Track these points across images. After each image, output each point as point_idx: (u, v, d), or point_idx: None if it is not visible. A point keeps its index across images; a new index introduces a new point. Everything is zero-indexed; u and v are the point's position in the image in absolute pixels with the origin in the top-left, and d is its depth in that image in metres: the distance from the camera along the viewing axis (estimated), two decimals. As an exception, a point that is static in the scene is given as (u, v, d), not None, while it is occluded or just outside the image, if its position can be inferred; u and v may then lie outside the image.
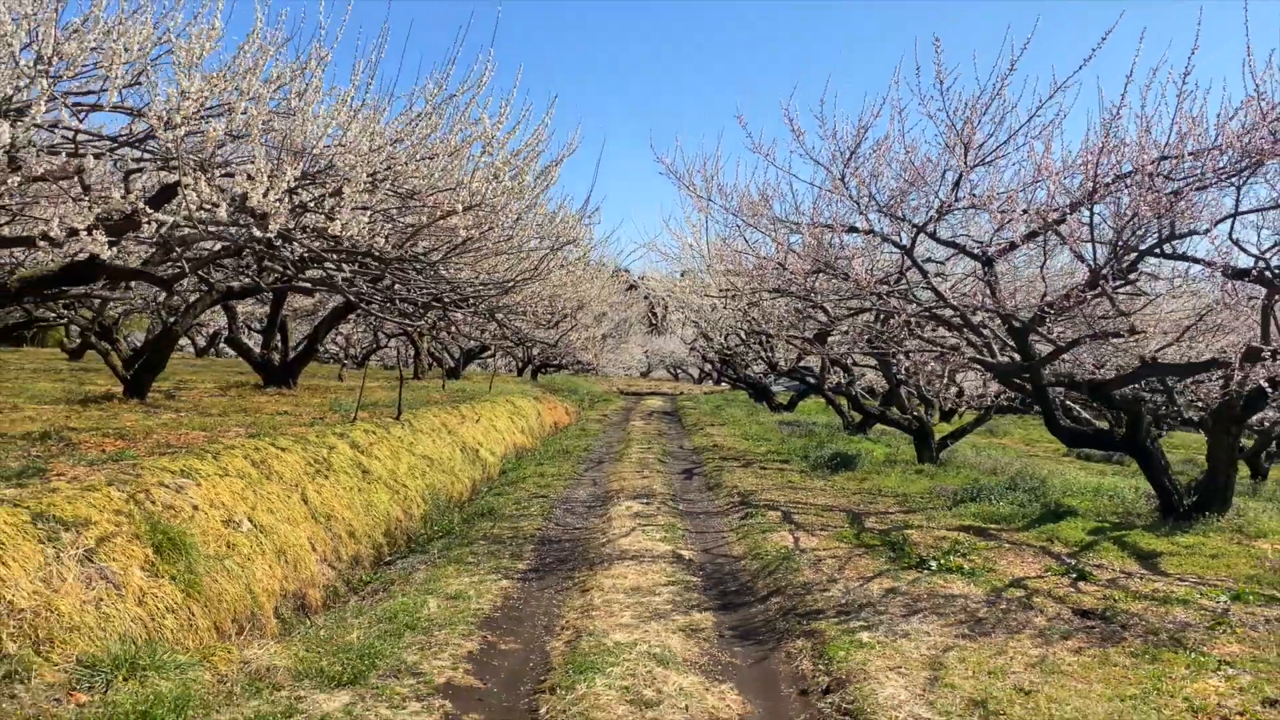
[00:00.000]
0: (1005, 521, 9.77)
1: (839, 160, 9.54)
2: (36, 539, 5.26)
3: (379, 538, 9.28)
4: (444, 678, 4.92)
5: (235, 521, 7.10)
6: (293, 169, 5.60)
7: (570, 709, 4.51)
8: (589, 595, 6.68)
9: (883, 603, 6.37)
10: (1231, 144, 6.91)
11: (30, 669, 4.41)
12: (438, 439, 13.60)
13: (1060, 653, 5.39)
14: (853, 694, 4.70)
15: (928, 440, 15.61)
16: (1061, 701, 4.53)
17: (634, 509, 10.41)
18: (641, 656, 5.28)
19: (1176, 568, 7.92)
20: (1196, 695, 4.74)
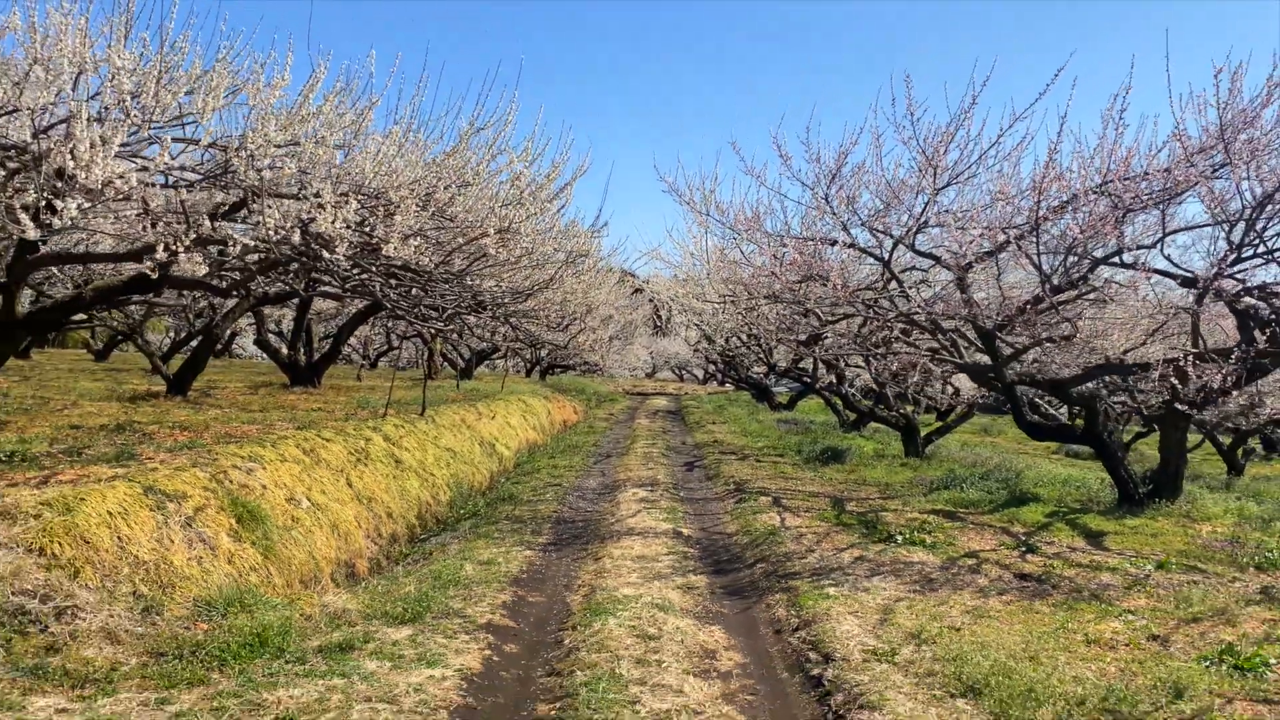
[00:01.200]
0: (974, 506, 10.87)
1: (823, 182, 10.67)
2: (148, 508, 6.40)
3: (412, 519, 10.41)
4: (485, 619, 6.05)
5: (296, 500, 8.24)
6: (356, 200, 6.73)
7: (589, 639, 5.64)
8: (601, 562, 7.81)
9: (850, 567, 7.50)
10: (1156, 175, 8.01)
11: (162, 605, 5.56)
12: (458, 434, 14.74)
13: (993, 603, 6.51)
14: (816, 630, 5.83)
15: (914, 436, 16.72)
16: (982, 635, 5.64)
17: (639, 495, 11.54)
18: (646, 605, 6.41)
19: (1118, 544, 9.00)
20: (1095, 633, 5.84)
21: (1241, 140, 7.83)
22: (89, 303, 10.85)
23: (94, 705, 4.29)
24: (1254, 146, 7.80)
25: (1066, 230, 8.63)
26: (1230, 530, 9.88)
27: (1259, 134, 7.82)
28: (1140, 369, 9.70)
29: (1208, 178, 7.96)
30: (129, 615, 5.35)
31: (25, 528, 5.55)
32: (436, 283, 9.10)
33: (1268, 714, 4.50)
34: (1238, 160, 7.87)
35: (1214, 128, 8.00)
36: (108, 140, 5.86)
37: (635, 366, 55.90)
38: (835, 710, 4.67)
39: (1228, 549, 8.87)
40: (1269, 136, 7.77)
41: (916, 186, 10.48)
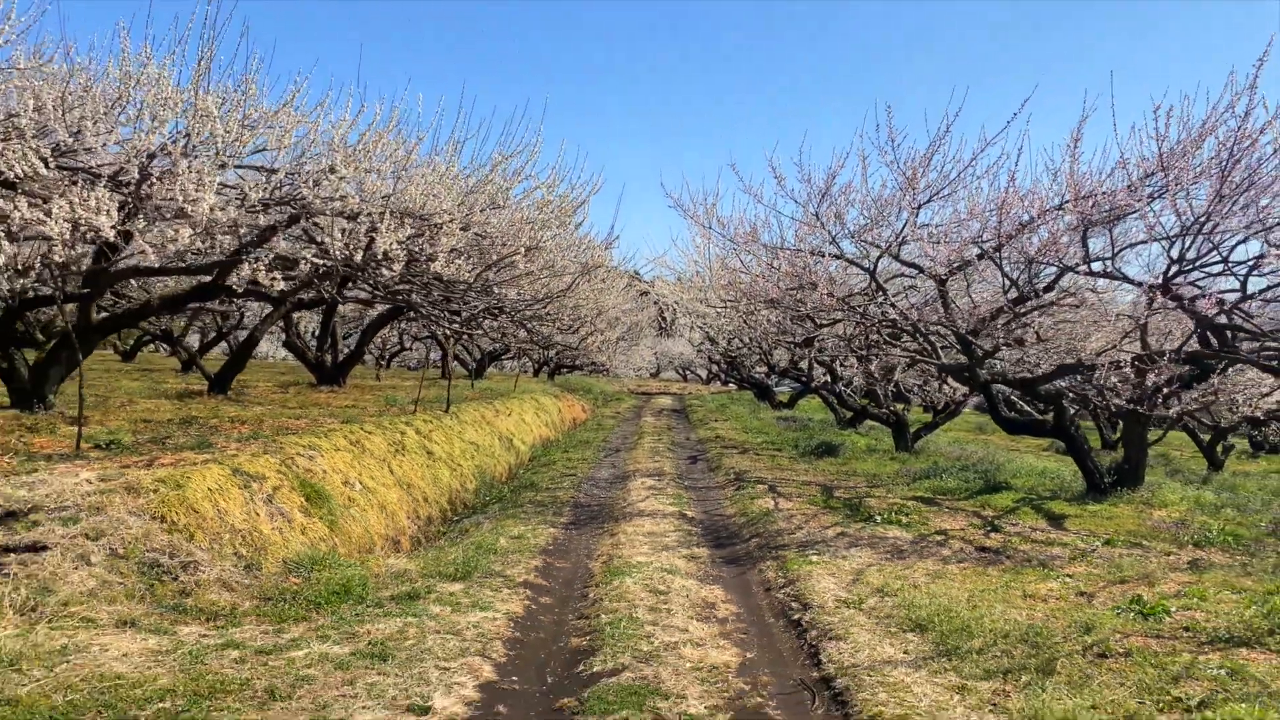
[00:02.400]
0: (951, 493, 12.02)
1: (814, 199, 11.83)
2: (237, 486, 7.59)
3: (444, 503, 11.59)
4: (521, 578, 7.22)
5: (350, 483, 9.43)
6: (411, 225, 7.93)
7: (609, 593, 6.81)
8: (616, 537, 8.98)
9: (833, 541, 8.67)
10: (1101, 199, 9.17)
11: (259, 563, 6.75)
12: (480, 429, 15.92)
13: (951, 569, 7.67)
14: (798, 587, 6.99)
15: (904, 432, 17.88)
16: (936, 590, 6.80)
17: (648, 484, 12.71)
18: (656, 569, 7.58)
19: (1076, 526, 10.14)
20: (1033, 590, 7.00)
21: (1176, 171, 8.97)
22: (156, 309, 12.09)
23: (227, 632, 5.48)
24: (1188, 176, 8.93)
25: (1025, 246, 9.77)
26: (1181, 515, 11.00)
27: (1192, 166, 8.95)
28: (1088, 369, 10.83)
29: (1147, 202, 9.10)
30: (235, 570, 6.54)
31: (147, 500, 6.74)
32: (467, 292, 10.28)
33: (1155, 644, 5.65)
34: (1174, 186, 9.01)
35: (1154, 157, 9.16)
36: (205, 183, 7.04)
37: (640, 367, 57.05)
38: (809, 642, 5.84)
39: (1173, 530, 10.01)
40: (1201, 168, 8.91)
41: (899, 203, 11.63)
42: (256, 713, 4.37)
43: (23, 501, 6.44)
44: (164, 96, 8.08)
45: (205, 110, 7.93)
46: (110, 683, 4.59)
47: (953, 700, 4.69)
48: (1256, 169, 8.56)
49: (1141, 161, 8.93)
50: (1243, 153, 8.72)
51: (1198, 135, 8.89)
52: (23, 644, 4.95)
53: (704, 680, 5.12)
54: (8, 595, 5.47)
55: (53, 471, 7.25)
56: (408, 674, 4.94)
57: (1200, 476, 19.87)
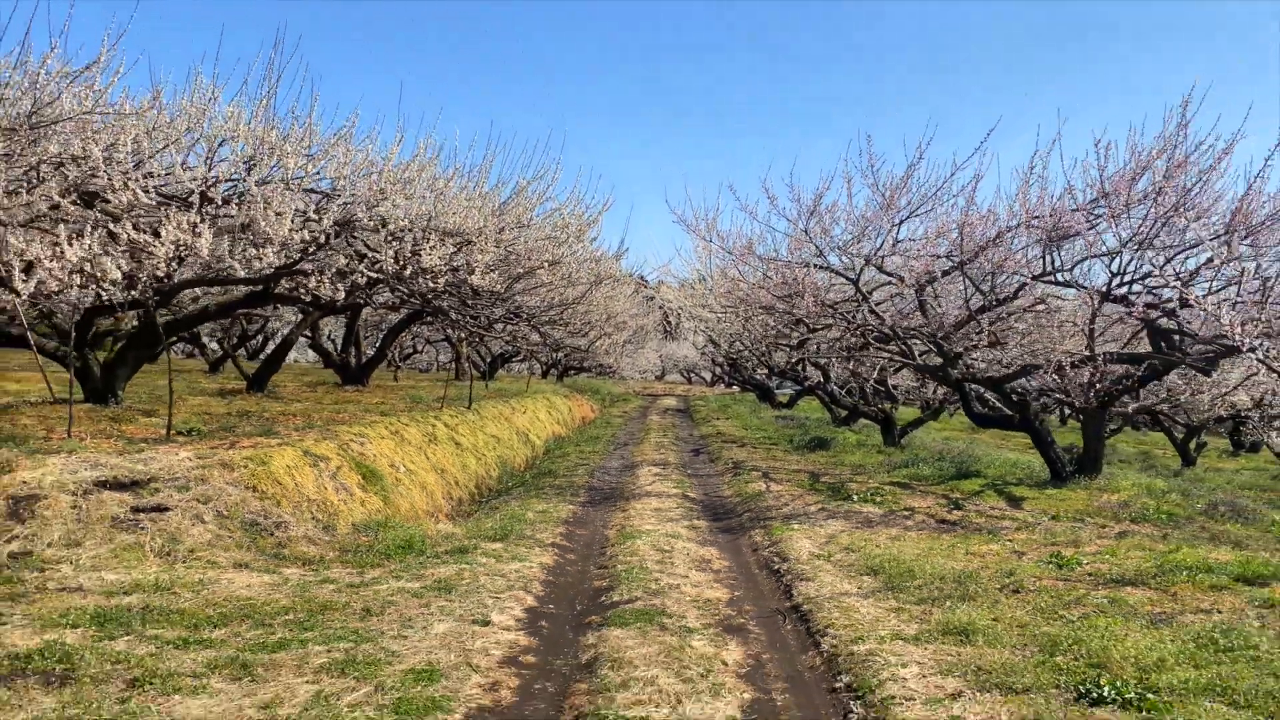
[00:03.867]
0: (926, 480, 13.40)
1: (803, 217, 13.24)
2: (308, 465, 9.02)
3: (472, 487, 13.01)
4: (549, 540, 8.64)
5: (395, 466, 10.86)
6: (451, 243, 9.35)
7: (623, 551, 8.22)
8: (627, 512, 10.39)
9: (813, 514, 10.07)
10: (1046, 221, 10.57)
11: (334, 525, 8.17)
12: (499, 424, 17.34)
13: (911, 534, 9.07)
14: (780, 547, 8.40)
15: (891, 428, 19.27)
16: (892, 548, 8.20)
17: (654, 471, 14.13)
18: (662, 535, 8.99)
19: (1031, 506, 11.51)
20: (976, 550, 8.39)
21: (1114, 198, 10.38)
22: (213, 315, 13.54)
23: (320, 572, 6.90)
24: (1123, 202, 10.34)
25: (984, 262, 11.18)
26: (1128, 498, 12.34)
27: (1130, 194, 10.36)
28: (1033, 369, 12.23)
29: (1089, 225, 10.51)
30: (316, 529, 7.97)
31: (239, 474, 8.18)
32: (494, 301, 11.72)
33: (1060, 584, 7.04)
34: (1113, 211, 10.42)
35: (1095, 185, 10.57)
36: (285, 209, 8.48)
37: (646, 369, 58.42)
38: (784, 584, 7.24)
39: (1116, 509, 11.37)
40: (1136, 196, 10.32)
41: (879, 221, 13.04)
42: (359, 623, 5.79)
43: (143, 474, 7.87)
44: (237, 131, 9.53)
45: (278, 145, 9.37)
46: (244, 602, 6.01)
47: (888, 616, 6.10)
48: (1181, 200, 9.96)
49: (1090, 185, 10.33)
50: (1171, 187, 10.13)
51: (1132, 172, 10.30)
52: (169, 577, 6.38)
53: (700, 608, 6.53)
54: (148, 543, 6.90)
55: (157, 451, 8.68)
56: (468, 601, 6.36)
57: (1172, 471, 21.23)
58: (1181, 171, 10.08)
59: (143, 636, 5.26)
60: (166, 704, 4.40)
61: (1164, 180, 10.22)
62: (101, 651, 4.96)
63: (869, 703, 4.69)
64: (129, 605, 5.75)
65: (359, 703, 4.50)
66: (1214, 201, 10.69)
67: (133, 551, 6.82)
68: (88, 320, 13.20)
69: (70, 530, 6.92)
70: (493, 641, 5.58)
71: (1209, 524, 10.65)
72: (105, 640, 5.15)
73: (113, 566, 6.55)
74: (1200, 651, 5.25)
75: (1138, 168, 10.29)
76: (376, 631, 5.59)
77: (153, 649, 5.07)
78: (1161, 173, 10.13)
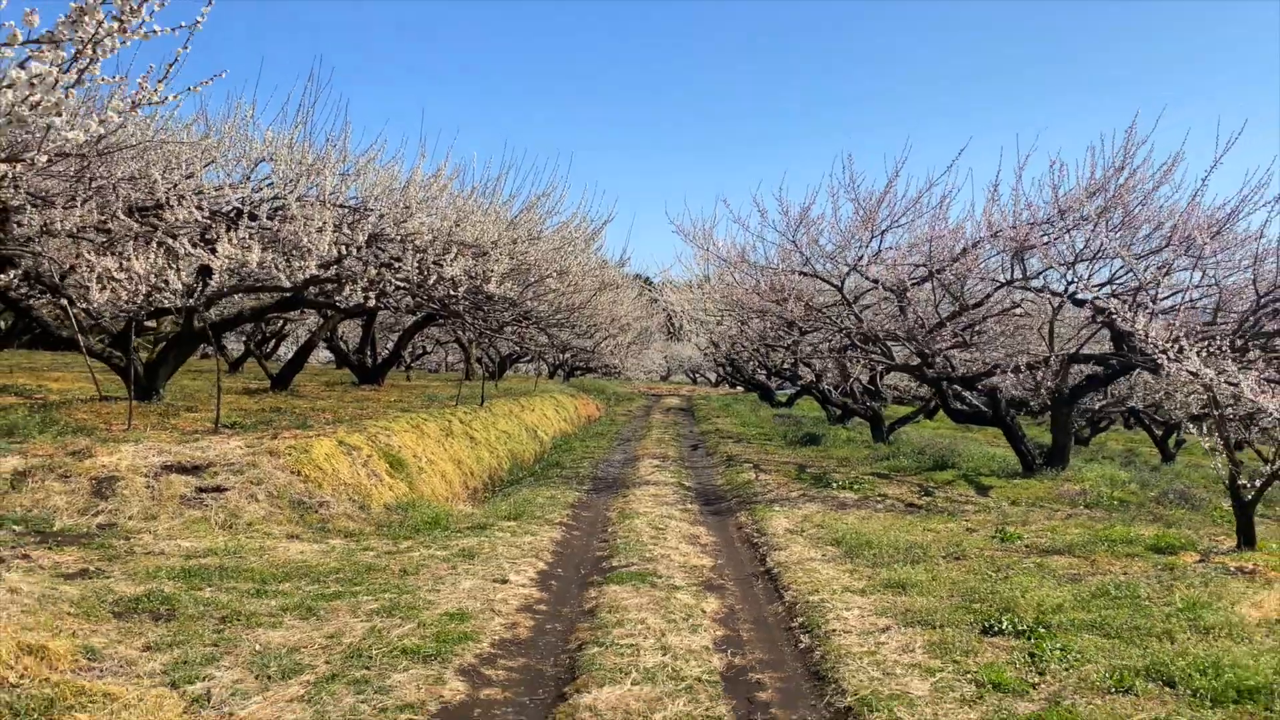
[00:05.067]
0: (904, 471, 14.50)
1: (790, 228, 14.37)
2: (343, 453, 10.17)
3: (485, 477, 14.14)
4: (558, 520, 9.77)
5: (418, 456, 12.00)
6: (469, 255, 10.50)
7: (623, 528, 9.35)
8: (627, 498, 11.52)
9: (794, 499, 11.19)
10: (1007, 235, 11.68)
11: (369, 505, 9.32)
12: (510, 421, 18.48)
13: (879, 515, 10.17)
14: (760, 525, 9.52)
15: (880, 425, 20.36)
16: (858, 526, 9.31)
17: (654, 464, 15.26)
18: (657, 516, 10.12)
19: (997, 494, 12.59)
20: (932, 528, 9.49)
21: (1070, 214, 11.49)
22: (247, 318, 14.70)
23: (360, 542, 8.04)
24: (1075, 219, 11.45)
25: (950, 273, 12.30)
26: (1088, 487, 13.42)
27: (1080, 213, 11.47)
28: (998, 369, 13.33)
29: (1046, 241, 11.62)
30: (353, 508, 9.12)
31: (285, 460, 9.33)
32: (510, 306, 12.87)
33: (999, 554, 8.13)
34: (1067, 227, 11.53)
35: (1052, 203, 11.67)
36: (326, 226, 9.63)
37: (651, 370, 59.59)
38: (760, 553, 8.37)
39: (1074, 496, 12.45)
40: (1082, 212, 11.42)
41: (860, 233, 14.16)
42: (398, 580, 6.92)
43: (202, 460, 9.03)
44: (277, 153, 10.69)
45: (316, 166, 10.53)
46: (300, 564, 7.16)
47: (842, 575, 7.22)
48: (1125, 220, 11.07)
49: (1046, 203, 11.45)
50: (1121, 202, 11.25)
51: (1084, 192, 11.41)
52: (234, 544, 7.52)
53: (686, 571, 7.65)
54: (212, 517, 8.06)
55: (210, 441, 9.84)
56: (489, 565, 7.49)
57: (1150, 467, 22.27)
58: (1126, 191, 11.19)
59: (222, 588, 6.40)
60: (253, 634, 5.54)
61: (1114, 196, 11.34)
62: (193, 597, 6.10)
63: (815, 635, 5.82)
64: (206, 565, 6.90)
65: (406, 634, 5.63)
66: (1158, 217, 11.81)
67: (200, 524, 7.98)
68: (133, 324, 14.38)
69: (146, 506, 8.08)
70: (511, 594, 6.72)
71: (1157, 509, 11.72)
72: (193, 590, 6.29)
73: (185, 536, 7.70)
74: (1093, 600, 6.36)
75: (1089, 190, 11.39)
76: (413, 586, 6.73)
77: (233, 596, 6.22)
78: (1110, 194, 11.24)
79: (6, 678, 4.52)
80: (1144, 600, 6.33)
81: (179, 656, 5.06)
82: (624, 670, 5.13)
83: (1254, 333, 11.33)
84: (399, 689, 4.78)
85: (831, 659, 5.34)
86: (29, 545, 7.00)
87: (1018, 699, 4.69)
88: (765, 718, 4.66)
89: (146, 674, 4.83)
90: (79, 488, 8.12)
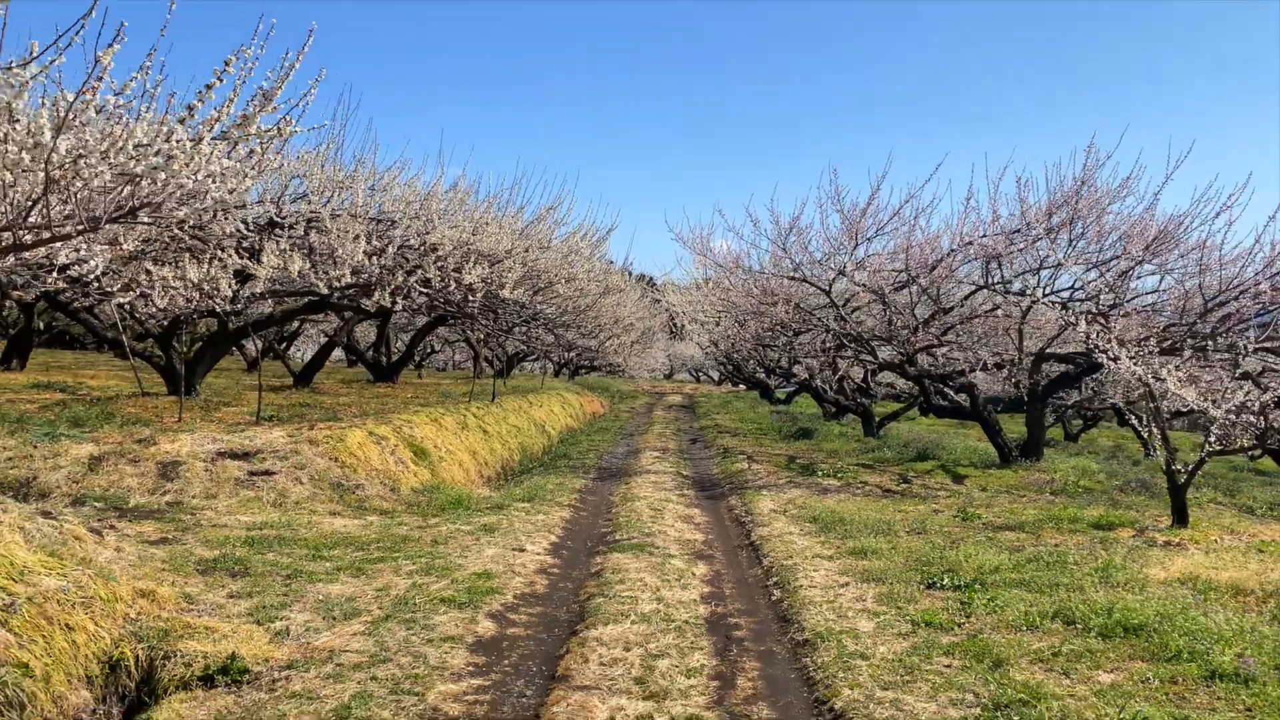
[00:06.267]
0: (887, 461, 15.58)
1: (781, 237, 15.46)
2: (373, 442, 11.27)
3: (498, 467, 15.25)
4: (567, 502, 10.86)
5: (438, 446, 13.11)
6: (490, 263, 11.60)
7: (625, 509, 10.45)
8: (629, 485, 12.62)
9: (782, 485, 12.28)
10: (978, 245, 12.75)
11: (398, 488, 10.42)
12: (519, 416, 19.59)
13: (856, 498, 11.26)
14: (748, 507, 10.62)
15: (870, 420, 21.43)
16: (835, 507, 10.39)
17: (654, 455, 16.37)
18: (657, 499, 11.21)
19: (971, 482, 13.67)
20: (903, 509, 10.57)
21: (1034, 228, 12.56)
22: (279, 319, 15.82)
23: (394, 519, 9.15)
24: (1038, 232, 12.52)
25: (924, 278, 13.38)
26: (1058, 476, 14.49)
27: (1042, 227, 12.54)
28: (969, 368, 14.41)
29: (1008, 247, 12.70)
30: (385, 490, 10.23)
31: (323, 448, 10.44)
32: (522, 310, 13.98)
33: (957, 529, 9.20)
34: (1033, 239, 12.60)
35: (1016, 217, 12.75)
36: (358, 239, 10.74)
37: (654, 368, 60.67)
38: (746, 530, 9.46)
39: (1042, 484, 13.52)
40: (1044, 226, 12.49)
41: (845, 241, 15.25)
42: (430, 548, 8.02)
43: (251, 447, 10.15)
44: (312, 171, 11.80)
45: (347, 182, 11.63)
46: (344, 535, 8.26)
47: (815, 545, 8.32)
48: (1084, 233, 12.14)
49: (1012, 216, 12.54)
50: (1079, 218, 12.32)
51: (1048, 207, 12.49)
52: (286, 519, 8.63)
53: (680, 544, 8.75)
54: (264, 496, 9.17)
55: (255, 431, 10.96)
56: (508, 537, 8.59)
57: (1133, 460, 23.30)
58: (1086, 209, 12.28)
59: (283, 553, 7.51)
60: (315, 588, 6.64)
61: (1074, 211, 12.42)
62: (260, 560, 7.21)
63: (786, 590, 6.91)
64: (265, 535, 8.01)
65: (442, 588, 6.73)
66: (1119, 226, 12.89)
67: (254, 503, 9.09)
68: (174, 326, 15.51)
69: (207, 487, 9.20)
70: (528, 559, 7.82)
71: (1117, 496, 12.77)
72: (259, 554, 7.40)
73: (242, 512, 8.81)
74: (1027, 564, 7.45)
75: (1049, 209, 12.47)
76: (444, 553, 7.83)
77: (293, 559, 7.32)
78: (1070, 210, 12.32)
79: (128, 613, 5.63)
80: (1070, 564, 7.41)
81: (258, 603, 6.17)
82: (625, 614, 6.24)
83: (1201, 334, 12.39)
84: (441, 626, 5.88)
85: (797, 607, 6.44)
86: (112, 519, 8.11)
87: (944, 633, 5.78)
88: (738, 648, 5.76)
89: (235, 614, 5.94)
90: (147, 470, 9.24)
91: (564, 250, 13.46)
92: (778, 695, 5.01)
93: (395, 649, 5.44)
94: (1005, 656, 5.28)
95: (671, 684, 5.02)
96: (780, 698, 4.98)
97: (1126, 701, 4.72)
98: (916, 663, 5.24)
